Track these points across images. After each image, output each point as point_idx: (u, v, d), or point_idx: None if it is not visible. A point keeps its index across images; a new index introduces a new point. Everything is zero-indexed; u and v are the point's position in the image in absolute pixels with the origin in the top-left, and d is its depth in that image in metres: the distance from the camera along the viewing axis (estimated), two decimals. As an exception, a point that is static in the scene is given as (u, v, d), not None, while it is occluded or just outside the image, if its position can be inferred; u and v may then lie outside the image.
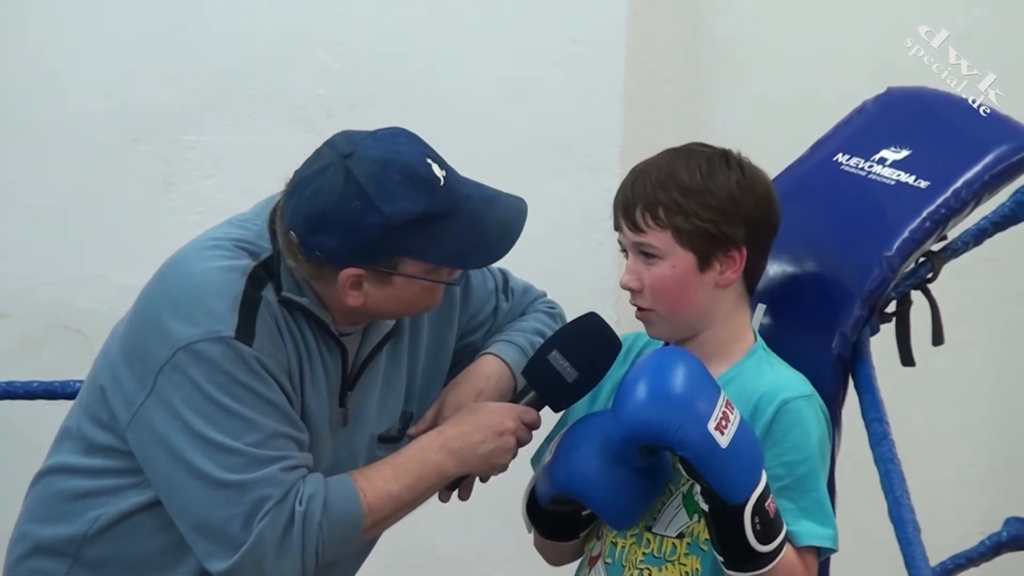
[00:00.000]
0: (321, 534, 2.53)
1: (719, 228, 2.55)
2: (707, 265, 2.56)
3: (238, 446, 2.50)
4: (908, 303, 2.85)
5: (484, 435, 2.62)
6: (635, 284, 2.58)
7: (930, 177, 2.82)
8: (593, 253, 4.23)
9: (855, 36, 4.32)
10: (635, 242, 2.57)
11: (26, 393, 3.22)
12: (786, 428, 2.54)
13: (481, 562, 4.32)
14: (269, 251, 2.60)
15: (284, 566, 2.53)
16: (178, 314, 2.54)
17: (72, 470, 2.64)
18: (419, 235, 2.52)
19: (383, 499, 2.58)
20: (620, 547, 2.62)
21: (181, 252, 2.64)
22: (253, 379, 2.52)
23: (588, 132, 4.25)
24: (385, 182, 2.51)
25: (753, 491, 2.44)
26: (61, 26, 4.18)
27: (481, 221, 2.57)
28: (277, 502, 2.51)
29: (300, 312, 2.60)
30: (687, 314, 2.59)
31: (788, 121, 4.11)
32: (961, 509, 4.38)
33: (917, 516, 2.54)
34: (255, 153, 4.13)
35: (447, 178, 2.55)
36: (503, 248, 2.60)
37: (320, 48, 4.20)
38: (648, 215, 2.55)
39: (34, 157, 4.17)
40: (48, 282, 4.20)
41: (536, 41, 4.23)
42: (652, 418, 2.43)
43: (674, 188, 2.55)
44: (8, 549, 2.72)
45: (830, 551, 2.58)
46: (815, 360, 2.70)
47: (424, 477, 2.61)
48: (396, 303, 2.59)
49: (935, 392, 4.36)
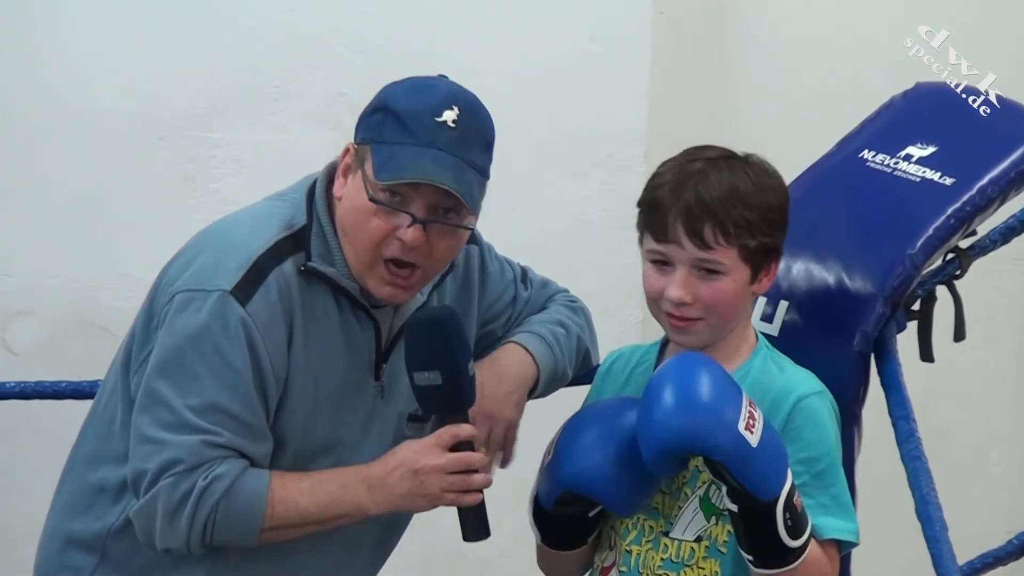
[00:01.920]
0: (213, 515, 2.52)
1: (774, 241, 2.55)
2: (756, 277, 2.56)
3: (176, 405, 2.51)
4: (933, 300, 2.84)
5: (400, 474, 2.57)
6: (689, 298, 2.52)
7: (956, 174, 2.81)
8: (617, 252, 4.22)
9: (880, 34, 4.31)
10: (698, 258, 2.52)
11: (54, 392, 3.22)
12: (801, 425, 2.53)
13: (508, 563, 4.31)
14: (303, 222, 2.61)
15: (171, 534, 2.53)
16: (190, 265, 2.57)
17: (100, 458, 2.65)
18: (385, 127, 2.54)
19: (288, 507, 2.55)
20: (635, 554, 2.60)
21: (221, 218, 2.67)
22: (227, 340, 2.52)
23: (612, 131, 4.24)
24: (411, 79, 2.60)
25: (783, 487, 2.44)
26: (86, 25, 4.20)
27: (414, 153, 2.53)
28: (186, 469, 2.51)
29: (325, 283, 2.59)
30: (731, 324, 2.58)
31: (813, 118, 4.11)
32: (986, 507, 4.37)
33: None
34: (279, 151, 4.14)
35: (445, 123, 2.54)
36: (404, 173, 2.53)
37: (344, 46, 4.21)
38: (719, 233, 2.50)
39: (59, 155, 4.19)
40: (73, 280, 4.21)
41: (560, 39, 4.23)
42: (684, 428, 2.41)
43: (741, 204, 2.51)
44: (40, 546, 2.73)
45: (851, 545, 2.56)
46: (836, 357, 2.69)
47: (339, 502, 2.57)
48: (347, 208, 2.57)
49: (960, 390, 4.35)
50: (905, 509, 2.61)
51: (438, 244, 2.58)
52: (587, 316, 2.93)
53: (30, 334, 4.20)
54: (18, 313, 4.20)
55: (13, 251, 4.19)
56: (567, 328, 2.86)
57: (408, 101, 2.56)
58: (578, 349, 2.88)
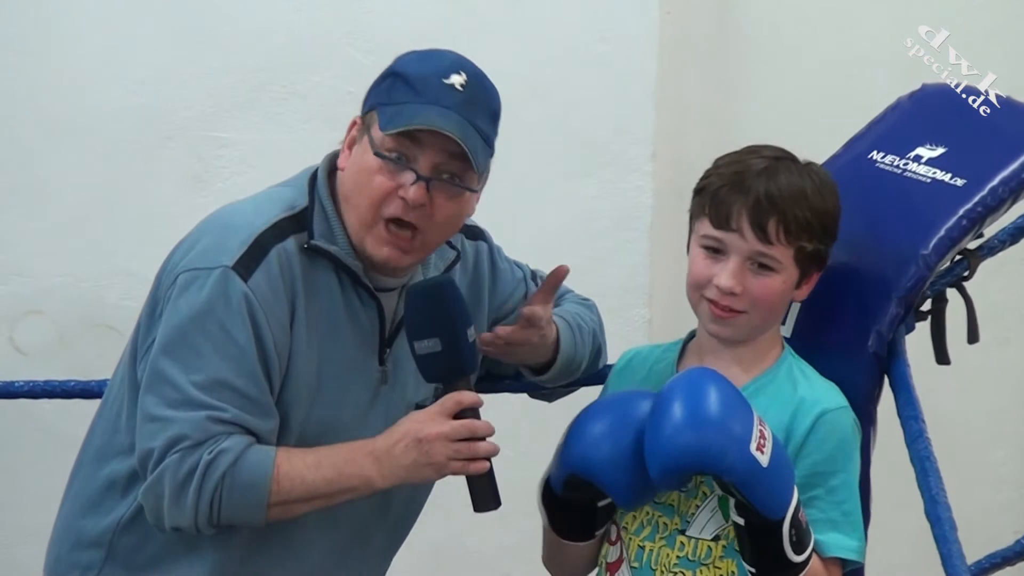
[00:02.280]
0: (219, 490, 2.51)
1: (826, 250, 2.59)
2: (800, 282, 2.59)
3: (181, 382, 2.51)
4: (944, 301, 2.84)
5: (404, 444, 2.56)
6: (739, 289, 2.54)
7: (966, 175, 2.81)
8: (623, 251, 4.23)
9: (886, 34, 4.31)
10: (757, 251, 2.54)
11: (63, 392, 3.22)
12: (822, 439, 2.54)
13: (512, 560, 4.32)
14: (305, 204, 2.62)
15: (178, 511, 2.53)
16: (192, 248, 2.58)
17: (108, 452, 2.66)
18: (395, 89, 2.58)
19: (294, 481, 2.54)
20: (648, 550, 2.60)
21: (218, 208, 2.69)
22: (229, 316, 2.52)
23: (619, 130, 4.25)
24: (417, 51, 2.63)
25: (790, 505, 2.45)
26: (94, 24, 4.20)
27: (420, 107, 2.56)
28: (191, 445, 2.51)
29: (328, 261, 2.60)
30: (770, 324, 2.60)
31: (820, 119, 4.11)
32: (993, 507, 4.37)
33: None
34: (287, 150, 4.13)
35: (452, 86, 2.56)
36: (409, 119, 2.55)
37: (352, 46, 4.21)
38: (783, 229, 2.52)
39: (67, 155, 4.19)
40: (81, 279, 4.21)
41: (568, 39, 4.23)
42: (695, 448, 2.41)
43: (806, 207, 2.54)
44: (50, 546, 2.74)
45: (855, 564, 2.57)
46: (850, 358, 2.69)
47: (345, 475, 2.56)
48: (352, 173, 2.59)
49: (969, 390, 4.35)
50: (914, 509, 2.61)
51: (441, 207, 2.58)
52: (598, 314, 2.96)
53: (38, 333, 4.20)
54: (26, 312, 4.20)
55: (21, 250, 4.19)
56: (583, 320, 2.88)
57: (417, 65, 2.60)
58: (592, 345, 2.89)
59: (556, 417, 2.85)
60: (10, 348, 4.20)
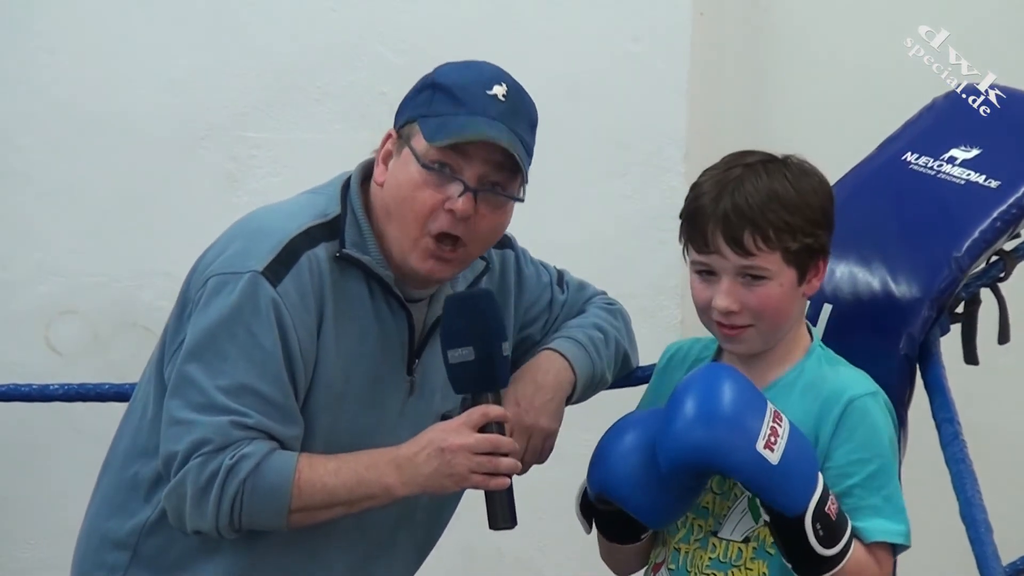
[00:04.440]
0: (241, 495, 2.51)
1: (818, 241, 2.54)
2: (804, 278, 2.55)
3: (207, 386, 2.51)
4: (977, 303, 2.83)
5: (427, 453, 2.54)
6: (736, 307, 2.53)
7: (1001, 176, 2.80)
8: (656, 251, 4.23)
9: (920, 34, 4.29)
10: (742, 265, 2.51)
11: (97, 395, 3.23)
12: (854, 426, 2.52)
13: (547, 562, 4.32)
14: (337, 212, 2.61)
15: (200, 514, 2.52)
16: (223, 251, 2.58)
17: (133, 453, 2.66)
18: (435, 101, 2.56)
19: (315, 487, 2.53)
20: (684, 552, 2.61)
21: (249, 212, 2.68)
22: (257, 321, 2.52)
23: (651, 130, 4.24)
24: (456, 64, 2.62)
25: (810, 500, 2.44)
26: (127, 24, 4.21)
27: (465, 120, 2.54)
28: (212, 450, 2.50)
29: (360, 270, 2.59)
30: (783, 328, 2.57)
31: (853, 120, 4.10)
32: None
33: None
34: (320, 150, 4.15)
35: (495, 96, 2.56)
36: (458, 133, 2.53)
37: (385, 46, 4.21)
38: (759, 238, 2.50)
39: (102, 155, 4.20)
40: (116, 279, 4.22)
41: (600, 39, 4.23)
42: (699, 445, 2.41)
43: (780, 207, 2.50)
44: (77, 545, 2.74)
45: (903, 547, 2.55)
46: (882, 360, 2.69)
47: (365, 482, 2.55)
48: (394, 187, 2.56)
49: (1003, 391, 4.33)
50: (949, 510, 2.61)
51: (485, 218, 2.57)
52: (625, 319, 2.93)
53: (73, 333, 4.21)
54: (61, 312, 4.22)
55: (56, 250, 4.20)
56: (605, 332, 2.85)
57: (457, 76, 2.58)
58: (616, 353, 2.87)
59: (589, 418, 2.86)
60: (45, 347, 4.22)
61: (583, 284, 2.94)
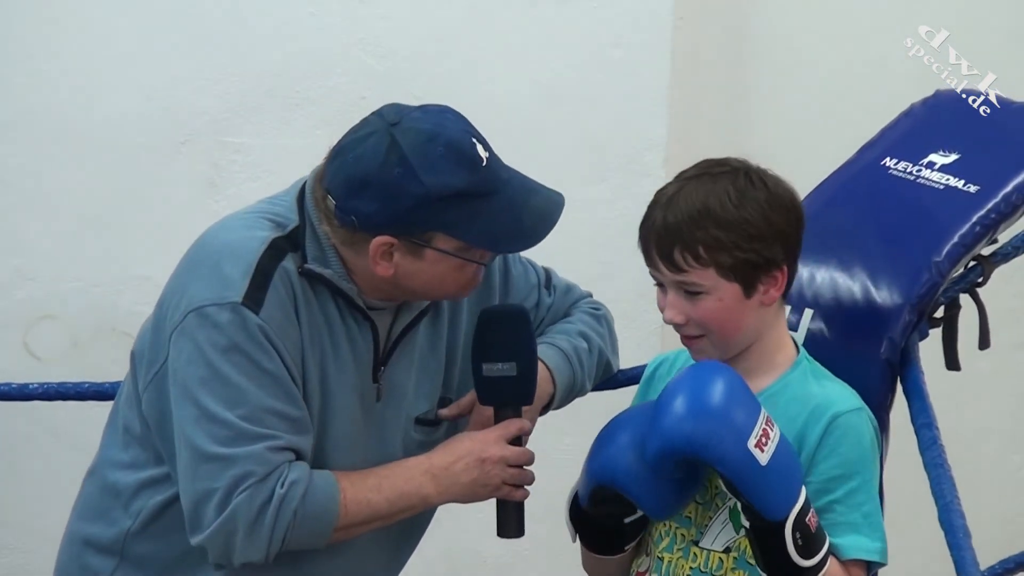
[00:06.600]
0: (294, 521, 2.52)
1: (760, 255, 2.49)
2: (752, 291, 2.52)
3: (229, 417, 2.50)
4: (957, 308, 2.83)
5: (465, 463, 2.60)
6: (680, 319, 2.53)
7: (980, 181, 2.80)
8: (636, 256, 4.19)
9: (900, 39, 4.30)
10: (677, 280, 2.51)
11: (76, 394, 3.23)
12: (837, 442, 2.52)
13: (528, 567, 4.32)
14: (296, 223, 2.60)
15: (252, 546, 2.52)
16: (194, 278, 2.57)
17: (115, 464, 2.67)
18: (455, 211, 2.51)
19: (361, 505, 2.57)
20: (667, 561, 2.60)
21: (211, 225, 2.66)
22: (255, 348, 2.52)
23: (632, 135, 4.25)
24: (429, 154, 2.50)
25: (793, 507, 2.43)
26: (106, 29, 4.20)
27: (518, 206, 2.56)
28: (258, 480, 2.50)
29: (323, 285, 2.59)
30: (738, 338, 2.56)
31: (832, 125, 4.11)
32: (1008, 513, 4.36)
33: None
34: (300, 156, 4.10)
35: (489, 160, 2.55)
36: (537, 236, 2.59)
37: (365, 52, 4.21)
38: (688, 255, 2.48)
39: (80, 160, 4.19)
40: (95, 284, 4.22)
41: (580, 45, 4.23)
42: (691, 433, 2.41)
43: (711, 224, 2.47)
44: (60, 549, 2.74)
45: (879, 565, 2.56)
46: (863, 365, 2.69)
47: (406, 495, 2.60)
48: (426, 279, 2.58)
49: (982, 396, 4.35)
50: (928, 515, 2.61)
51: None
52: (610, 324, 2.93)
53: (52, 338, 4.21)
54: (40, 317, 4.21)
55: (35, 255, 4.19)
56: (589, 341, 2.86)
57: (449, 172, 2.51)
58: (598, 363, 2.88)
59: (575, 425, 2.86)
60: (24, 353, 4.21)
61: (570, 287, 2.94)
